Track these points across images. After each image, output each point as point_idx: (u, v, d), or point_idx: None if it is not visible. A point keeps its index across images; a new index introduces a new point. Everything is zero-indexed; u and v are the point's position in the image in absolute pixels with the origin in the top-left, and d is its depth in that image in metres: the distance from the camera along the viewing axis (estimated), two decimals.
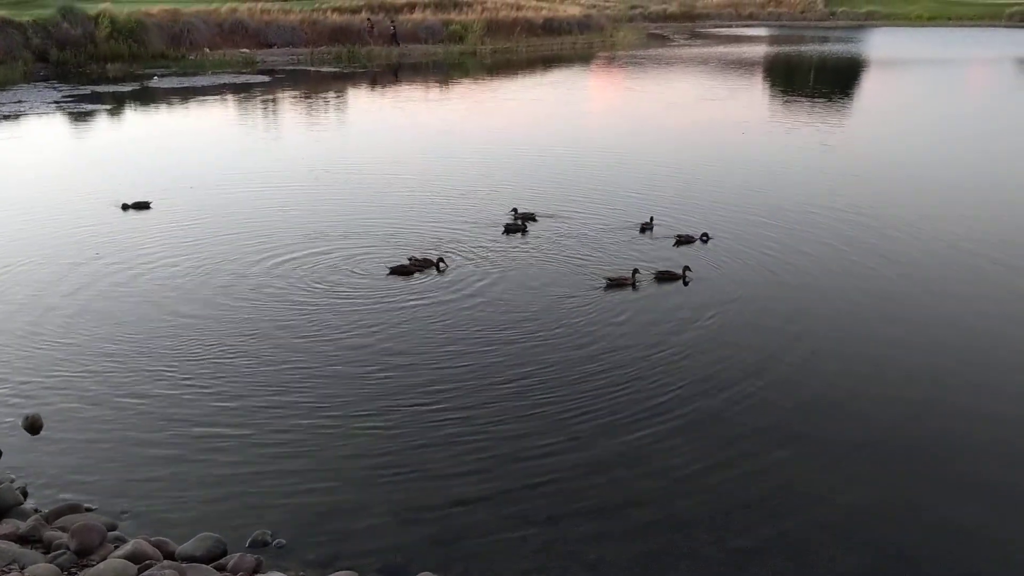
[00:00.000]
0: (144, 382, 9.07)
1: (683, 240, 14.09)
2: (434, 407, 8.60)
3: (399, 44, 51.29)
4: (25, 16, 41.91)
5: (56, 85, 35.75)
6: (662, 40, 73.69)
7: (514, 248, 13.88)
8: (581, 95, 37.55)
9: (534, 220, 15.22)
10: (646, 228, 14.79)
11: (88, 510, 6.80)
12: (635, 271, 12.23)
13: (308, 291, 11.80)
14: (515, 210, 15.51)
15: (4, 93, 32.60)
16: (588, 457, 7.70)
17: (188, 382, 9.07)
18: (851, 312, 11.24)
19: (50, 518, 6.61)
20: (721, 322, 10.84)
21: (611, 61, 53.70)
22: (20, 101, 30.59)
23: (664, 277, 12.31)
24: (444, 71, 46.68)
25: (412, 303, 11.39)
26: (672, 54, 58.39)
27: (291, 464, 7.56)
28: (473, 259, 13.22)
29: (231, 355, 9.76)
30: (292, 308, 11.19)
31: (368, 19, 52.97)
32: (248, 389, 8.92)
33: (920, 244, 14.10)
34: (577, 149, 23.02)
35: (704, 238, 14.20)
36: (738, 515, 6.90)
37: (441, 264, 12.71)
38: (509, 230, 14.64)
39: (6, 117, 27.23)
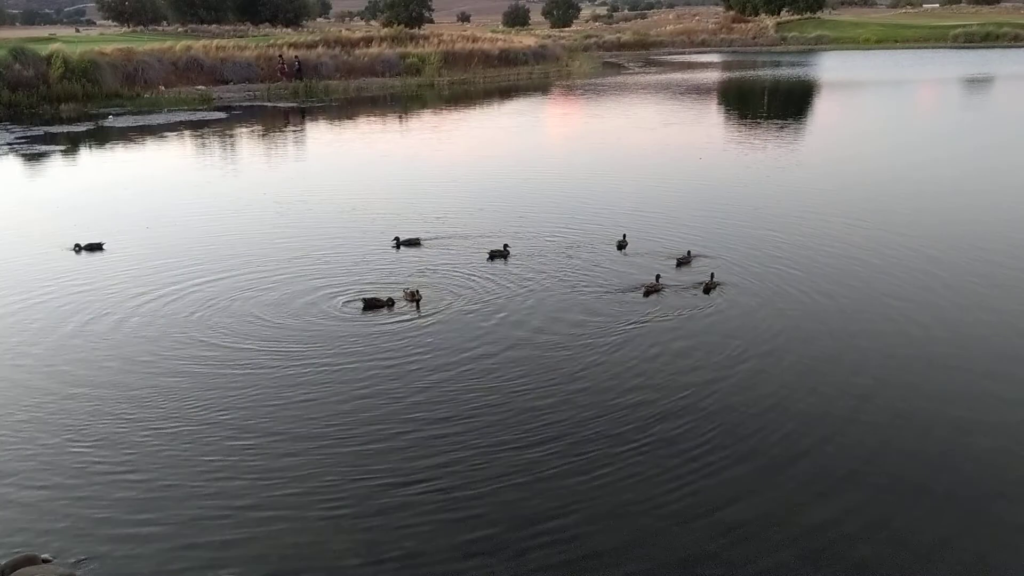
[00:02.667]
0: (99, 427, 8.90)
1: (682, 261, 14.45)
2: (423, 453, 8.53)
3: (302, 79, 51.29)
4: None
5: (8, 127, 35.35)
6: (617, 68, 74.58)
7: (504, 274, 13.98)
8: (539, 123, 37.84)
9: (419, 245, 15.68)
10: (622, 245, 15.38)
11: (45, 561, 6.62)
12: (657, 276, 13.21)
13: (268, 329, 11.69)
14: (397, 238, 15.86)
15: None
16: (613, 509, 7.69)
17: (144, 426, 8.91)
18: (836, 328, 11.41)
19: (7, 570, 6.42)
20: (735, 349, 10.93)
21: (567, 90, 54.22)
22: None
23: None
24: (402, 103, 46.81)
25: (383, 338, 11.33)
26: (627, 81, 59.10)
27: (255, 511, 7.42)
28: (462, 289, 13.23)
29: (188, 397, 9.61)
30: (251, 346, 11.07)
31: (280, 56, 52.62)
32: (207, 432, 8.78)
33: (881, 252, 14.39)
34: (541, 175, 23.23)
35: (688, 256, 14.69)
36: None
37: (417, 295, 12.63)
38: (493, 256, 14.81)
39: None
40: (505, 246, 15.15)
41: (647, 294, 12.86)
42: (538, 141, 32.25)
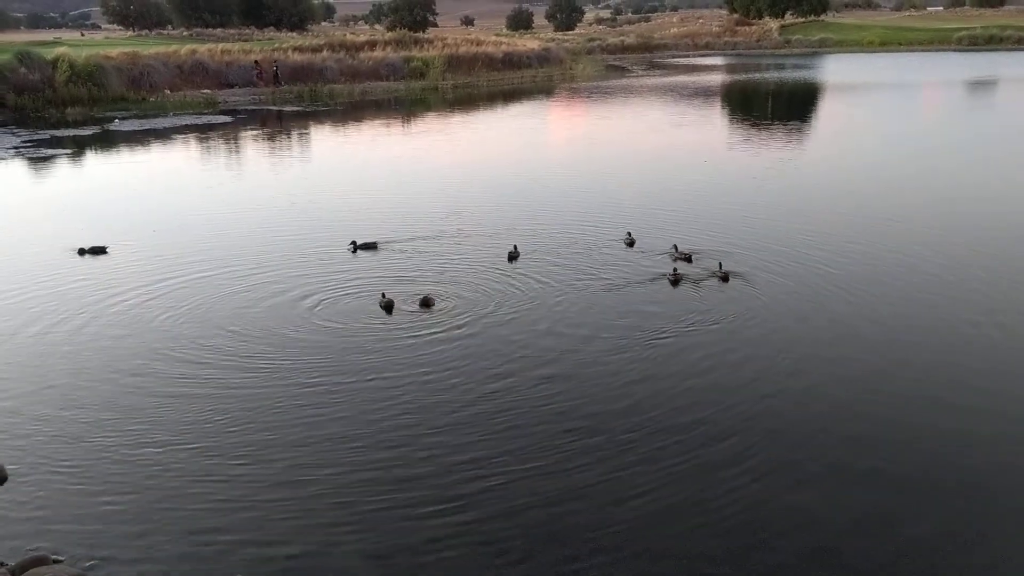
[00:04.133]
0: (108, 428, 8.92)
1: (683, 257, 14.62)
2: (442, 456, 8.54)
3: (280, 84, 51.24)
4: None
5: (14, 130, 35.42)
6: (621, 71, 74.68)
7: (519, 275, 13.97)
8: (544, 126, 37.90)
9: (375, 248, 15.70)
10: (630, 243, 15.64)
11: (56, 561, 6.65)
12: (675, 268, 13.78)
13: (279, 334, 11.69)
14: (354, 242, 15.83)
15: None
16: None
17: (153, 427, 8.93)
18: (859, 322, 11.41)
19: (16, 571, 6.45)
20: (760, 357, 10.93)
21: (571, 92, 54.28)
22: None
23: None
24: (407, 106, 46.89)
25: (401, 342, 11.34)
26: (631, 84, 59.16)
27: (268, 513, 7.40)
28: (478, 294, 13.14)
29: (196, 400, 9.62)
30: (261, 351, 11.07)
31: (256, 63, 52.22)
32: (217, 434, 8.79)
33: (885, 255, 14.38)
34: (547, 177, 23.24)
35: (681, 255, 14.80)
36: None
37: (431, 302, 12.52)
38: (512, 258, 14.82)
39: None
40: (514, 247, 15.16)
41: (675, 284, 13.25)
42: (543, 143, 32.27)
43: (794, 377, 9.94)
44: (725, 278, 13.49)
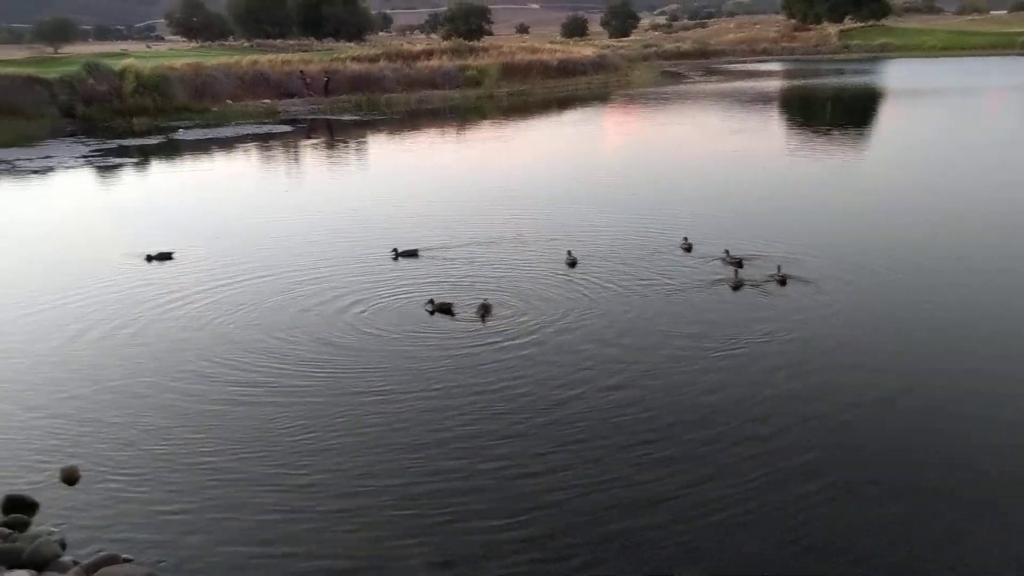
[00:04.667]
0: (173, 433, 9.04)
1: (735, 262, 14.45)
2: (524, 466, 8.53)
3: (329, 95, 50.72)
4: (52, 73, 42.75)
5: (83, 140, 36.37)
6: (677, 77, 74.10)
7: (582, 279, 13.94)
8: (600, 132, 37.76)
9: (416, 256, 15.63)
10: (687, 248, 15.56)
11: (127, 560, 6.74)
12: (736, 271, 13.78)
13: (349, 339, 11.75)
14: (395, 249, 15.77)
15: (32, 149, 33.06)
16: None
17: (217, 433, 9.03)
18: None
19: (89, 570, 6.55)
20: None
21: (627, 99, 54.01)
22: (48, 156, 31.05)
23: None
24: (462, 115, 47.10)
25: (463, 349, 11.30)
26: (688, 90, 58.67)
27: (330, 521, 7.40)
28: (547, 297, 13.13)
29: (259, 407, 9.69)
30: (321, 356, 11.13)
31: (301, 71, 51.61)
32: (280, 441, 8.83)
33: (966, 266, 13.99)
34: (603, 183, 23.16)
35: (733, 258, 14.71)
36: None
37: (487, 308, 12.44)
38: (573, 264, 14.78)
39: (36, 172, 27.64)
40: (568, 252, 15.09)
41: (736, 288, 13.16)
42: (599, 149, 32.14)
43: (871, 389, 9.66)
44: (783, 281, 13.30)
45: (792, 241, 15.95)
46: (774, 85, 63.42)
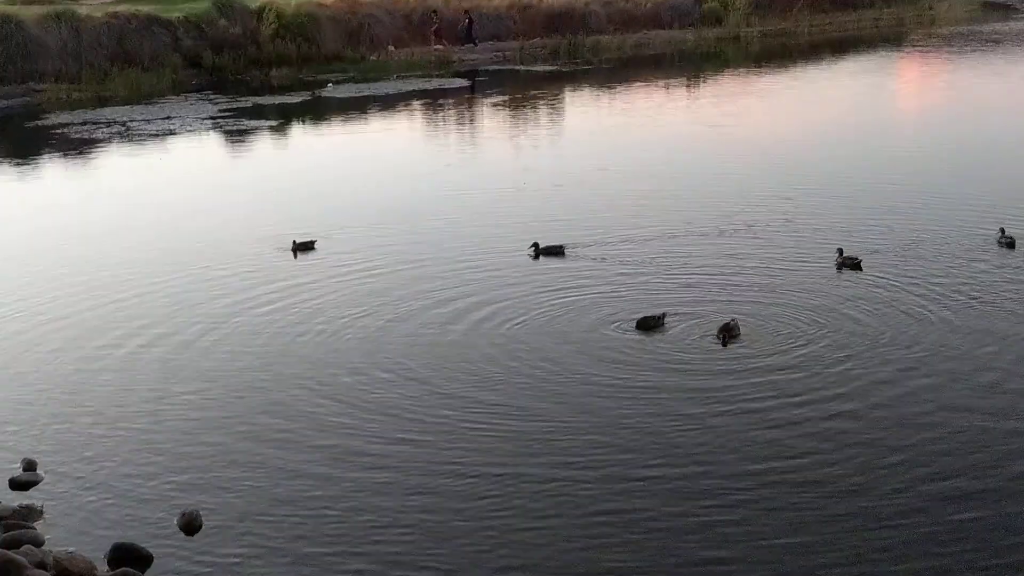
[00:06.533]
0: (320, 467, 9.27)
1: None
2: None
3: (476, 43, 49.75)
4: (174, 12, 44.10)
5: (211, 96, 37.96)
6: (1005, 11, 70.29)
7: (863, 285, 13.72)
8: (891, 89, 36.37)
9: (562, 254, 15.82)
10: (1011, 244, 15.34)
11: None
12: None
13: (525, 349, 11.86)
14: (536, 244, 15.83)
15: (151, 108, 34.86)
16: None
17: (370, 468, 9.21)
18: None
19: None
20: None
21: (931, 43, 51.70)
22: (169, 117, 32.75)
23: None
24: (696, 63, 46.55)
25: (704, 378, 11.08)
26: (1021, 30, 55.49)
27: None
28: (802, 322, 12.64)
29: (423, 440, 9.80)
30: (497, 371, 11.27)
31: (434, 12, 50.20)
32: (450, 484, 8.87)
33: None
34: (893, 158, 22.73)
35: None
36: None
37: (734, 330, 11.99)
38: (845, 264, 14.61)
39: (154, 136, 29.36)
40: (839, 251, 14.73)
41: None
42: (889, 114, 31.06)
43: None
44: None
45: None
46: None
